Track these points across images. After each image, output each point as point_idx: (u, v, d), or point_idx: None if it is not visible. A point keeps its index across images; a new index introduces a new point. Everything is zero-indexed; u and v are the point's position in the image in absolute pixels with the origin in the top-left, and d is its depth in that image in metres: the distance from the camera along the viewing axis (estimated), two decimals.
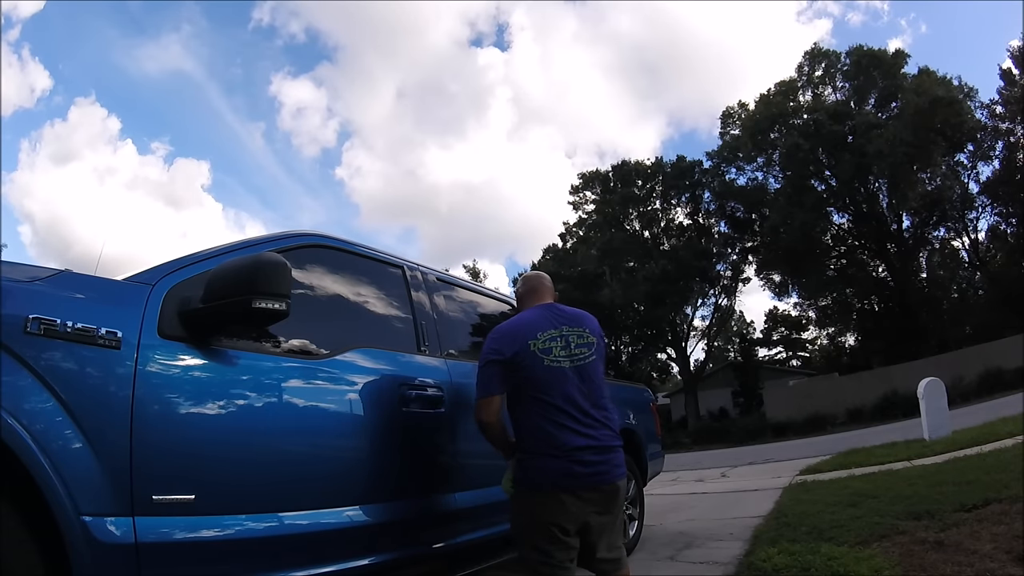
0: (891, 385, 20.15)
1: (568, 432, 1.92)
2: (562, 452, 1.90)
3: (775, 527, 3.75)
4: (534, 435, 1.95)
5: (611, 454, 1.99)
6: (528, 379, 1.97)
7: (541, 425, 1.94)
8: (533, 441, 1.95)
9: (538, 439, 1.94)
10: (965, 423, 8.38)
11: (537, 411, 1.95)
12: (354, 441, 2.00)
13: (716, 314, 32.54)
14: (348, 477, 1.96)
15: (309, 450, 1.85)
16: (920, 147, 24.86)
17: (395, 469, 2.13)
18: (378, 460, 2.07)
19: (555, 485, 1.90)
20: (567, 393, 1.97)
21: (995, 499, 3.33)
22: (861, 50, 28.16)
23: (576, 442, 1.92)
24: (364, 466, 2.02)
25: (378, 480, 2.05)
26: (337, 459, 1.95)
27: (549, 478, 1.90)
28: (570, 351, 2.04)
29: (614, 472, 1.98)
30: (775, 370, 33.17)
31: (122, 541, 1.35)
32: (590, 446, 1.93)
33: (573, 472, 1.90)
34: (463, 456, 2.41)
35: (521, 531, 2.01)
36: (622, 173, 31.66)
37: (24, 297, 1.37)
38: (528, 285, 2.30)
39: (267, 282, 1.61)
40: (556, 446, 1.91)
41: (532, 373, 1.97)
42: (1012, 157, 26.02)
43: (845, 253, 30.70)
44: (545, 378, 1.97)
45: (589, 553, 1.99)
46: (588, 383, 2.03)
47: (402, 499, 2.12)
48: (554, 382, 1.98)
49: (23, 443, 1.24)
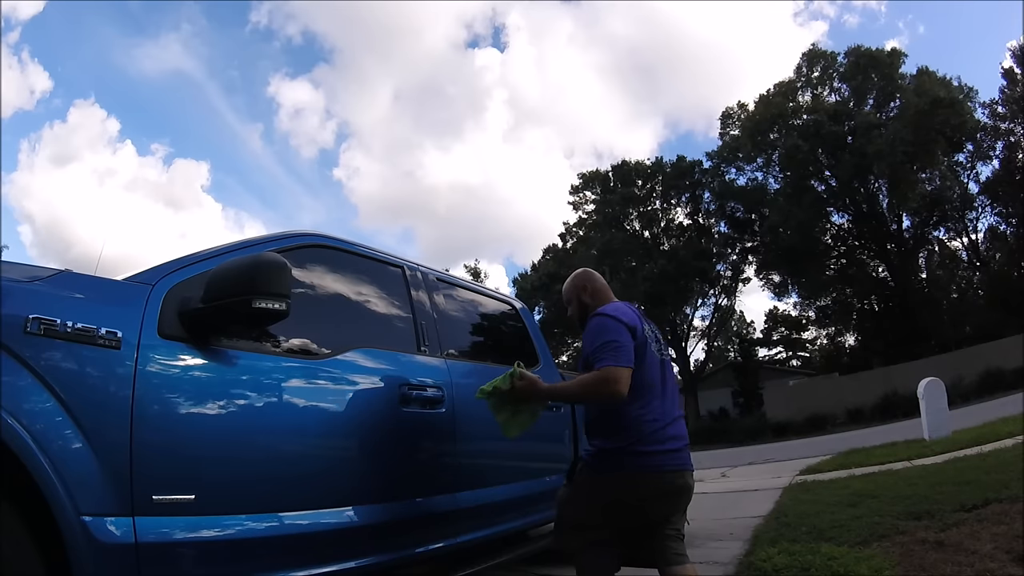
0: (891, 385, 20.14)
1: (662, 422, 1.94)
2: (658, 439, 1.91)
3: (775, 527, 3.75)
4: (630, 420, 1.93)
5: (687, 449, 2.02)
6: (638, 362, 1.94)
7: (640, 412, 1.93)
8: (630, 426, 1.93)
9: (633, 425, 1.92)
10: (965, 423, 8.38)
11: (640, 397, 1.93)
12: (354, 441, 2.00)
13: (716, 314, 32.58)
14: (348, 477, 1.96)
15: (309, 450, 1.85)
16: (920, 147, 24.87)
17: (396, 469, 2.13)
18: (379, 460, 2.07)
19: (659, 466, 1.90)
20: (662, 384, 2.00)
21: (995, 499, 3.32)
22: (858, 50, 28.18)
23: (669, 431, 1.95)
24: (365, 466, 2.02)
25: (379, 480, 2.05)
26: (337, 459, 1.95)
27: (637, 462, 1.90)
28: (660, 346, 2.08)
29: (689, 464, 2.01)
30: (775, 370, 33.14)
31: (122, 541, 1.35)
32: (677, 435, 1.97)
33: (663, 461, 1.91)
34: (464, 456, 2.41)
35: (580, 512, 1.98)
36: (622, 173, 31.67)
37: (24, 297, 1.37)
38: (599, 283, 2.27)
39: (267, 282, 1.60)
40: (650, 433, 1.91)
41: (641, 357, 1.95)
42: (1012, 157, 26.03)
43: (845, 253, 30.71)
44: (650, 365, 1.98)
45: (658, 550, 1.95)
46: (671, 379, 2.07)
47: (403, 499, 2.12)
48: (655, 371, 2.00)
49: (23, 443, 1.24)
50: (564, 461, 3.23)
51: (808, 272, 29.17)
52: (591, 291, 2.24)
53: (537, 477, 2.99)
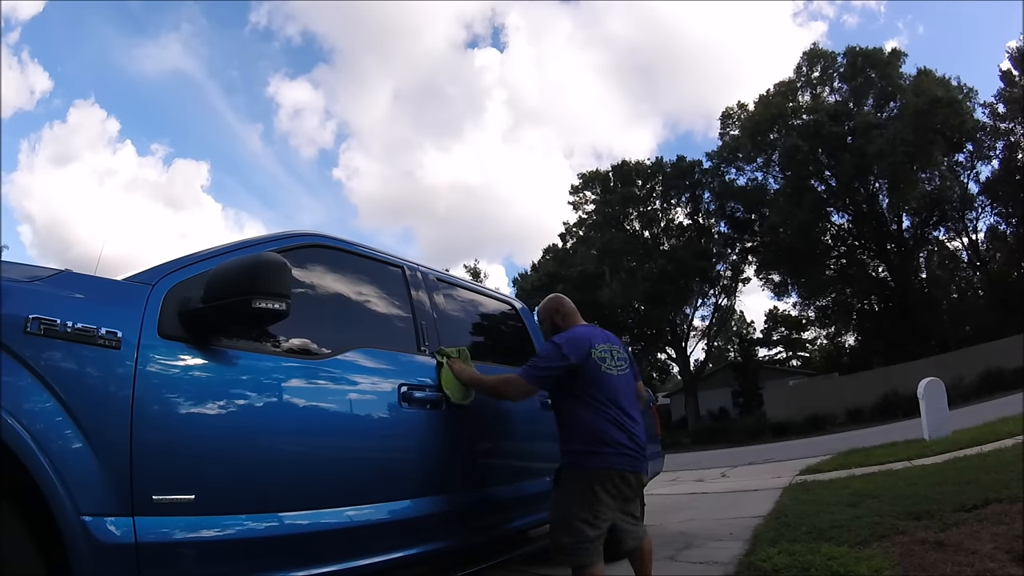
0: (891, 385, 20.14)
1: (614, 428, 2.28)
2: (611, 444, 2.26)
3: (775, 527, 3.76)
4: (588, 429, 2.28)
5: (642, 450, 2.36)
6: (588, 381, 2.31)
7: (594, 421, 2.28)
8: (587, 434, 2.28)
9: (592, 432, 2.27)
10: (965, 423, 8.39)
11: (592, 409, 2.29)
12: (355, 441, 2.00)
13: (716, 314, 32.55)
14: (348, 477, 1.95)
15: (309, 450, 1.85)
16: (920, 147, 24.86)
17: (395, 469, 2.13)
18: (379, 460, 2.07)
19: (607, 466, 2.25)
20: (614, 396, 2.33)
21: (995, 499, 3.33)
22: (857, 50, 28.17)
23: (620, 438, 2.28)
24: (364, 466, 2.02)
25: (379, 480, 2.05)
26: (338, 459, 1.94)
27: (602, 461, 2.24)
28: (615, 362, 2.41)
29: (643, 466, 2.37)
30: (775, 370, 33.13)
31: (122, 541, 1.35)
32: (630, 442, 2.30)
33: (617, 461, 2.26)
34: (464, 456, 2.41)
35: (566, 509, 2.25)
36: (622, 173, 31.64)
37: (24, 297, 1.37)
38: (568, 307, 2.65)
39: (267, 282, 1.60)
40: (606, 439, 2.26)
41: (591, 376, 2.31)
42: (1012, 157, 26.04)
43: (845, 253, 30.70)
44: (601, 381, 2.33)
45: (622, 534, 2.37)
46: (626, 390, 2.41)
47: (403, 499, 2.12)
48: (607, 386, 2.33)
49: (23, 443, 1.24)
50: None
51: (808, 272, 29.17)
52: (562, 314, 2.63)
53: (538, 477, 2.99)
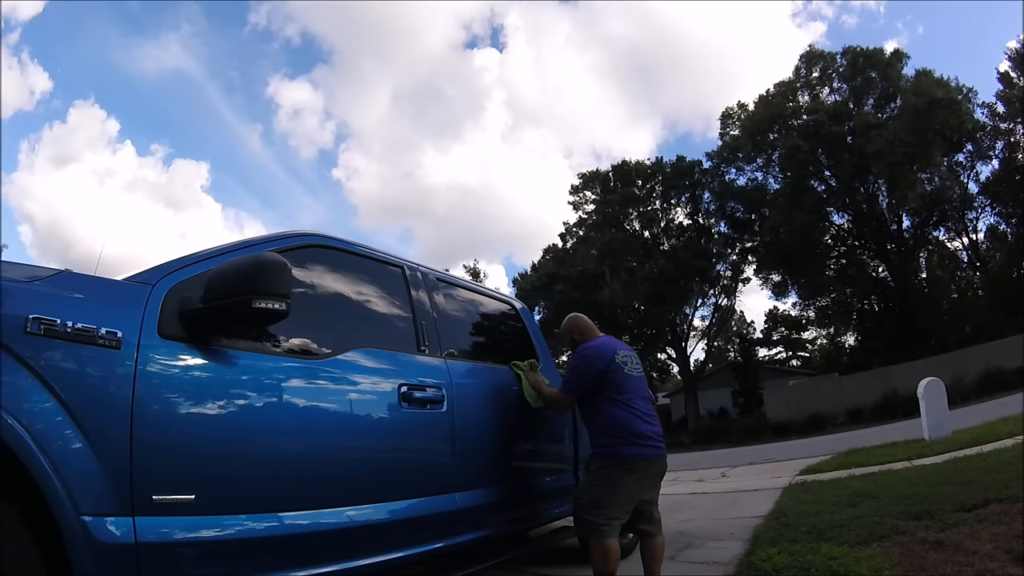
0: (891, 385, 20.14)
1: (640, 422, 2.60)
2: (638, 436, 2.57)
3: (775, 527, 3.75)
4: (618, 423, 2.58)
5: (662, 441, 2.69)
6: (616, 381, 2.62)
7: (623, 416, 2.59)
8: (617, 428, 2.58)
9: (621, 426, 2.57)
10: (965, 423, 8.38)
11: (620, 406, 2.61)
12: (355, 441, 2.00)
13: (716, 314, 32.53)
14: (348, 477, 1.96)
15: (309, 450, 1.85)
16: (919, 147, 24.85)
17: (395, 469, 2.14)
18: (379, 460, 2.07)
19: (638, 456, 2.56)
20: (636, 395, 2.66)
21: (995, 499, 3.32)
22: (855, 50, 28.15)
23: (645, 430, 2.60)
24: (364, 466, 2.02)
25: (379, 480, 2.06)
26: (338, 459, 1.95)
27: (631, 452, 2.55)
28: (634, 366, 2.75)
29: (664, 454, 2.70)
30: (775, 370, 33.13)
31: (122, 541, 1.35)
32: (653, 434, 2.63)
33: (644, 451, 2.57)
34: (464, 456, 2.41)
35: (597, 491, 2.56)
36: (622, 173, 31.63)
37: (24, 297, 1.37)
38: (584, 324, 2.97)
39: (267, 282, 1.61)
40: (633, 432, 2.57)
41: (618, 377, 2.64)
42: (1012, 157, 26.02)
43: (845, 253, 30.69)
44: (626, 382, 2.65)
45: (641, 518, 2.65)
46: (644, 390, 2.74)
47: (403, 499, 2.12)
48: (631, 386, 2.66)
49: (23, 443, 1.24)
50: (565, 461, 3.24)
51: (808, 272, 29.14)
52: (579, 330, 2.95)
53: (538, 477, 3.00)
